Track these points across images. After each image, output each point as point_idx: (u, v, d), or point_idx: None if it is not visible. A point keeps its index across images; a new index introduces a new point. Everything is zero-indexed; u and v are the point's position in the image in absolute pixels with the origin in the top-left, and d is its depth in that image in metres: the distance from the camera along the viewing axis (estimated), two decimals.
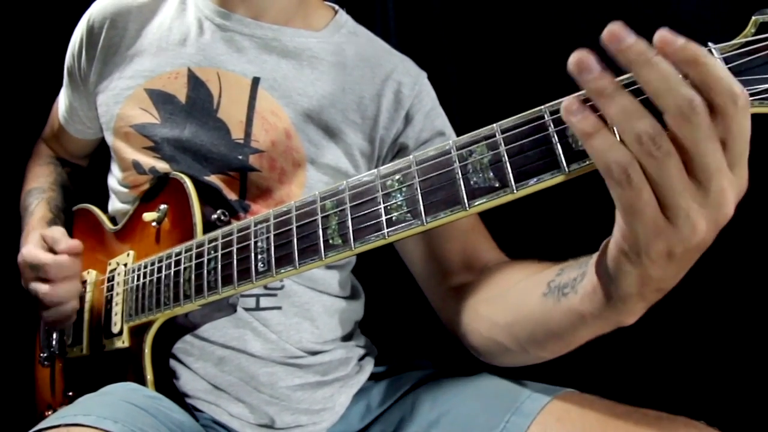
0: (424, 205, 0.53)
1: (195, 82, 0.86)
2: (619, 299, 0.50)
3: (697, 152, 0.41)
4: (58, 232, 0.86)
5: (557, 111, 0.48)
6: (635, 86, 0.45)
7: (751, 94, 0.43)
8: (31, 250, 0.85)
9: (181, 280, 0.73)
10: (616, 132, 0.43)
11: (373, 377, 0.91)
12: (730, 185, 0.43)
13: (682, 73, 0.41)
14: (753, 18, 0.45)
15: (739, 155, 0.43)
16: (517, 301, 0.67)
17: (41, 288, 0.82)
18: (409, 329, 1.10)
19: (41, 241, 0.86)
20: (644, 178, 0.43)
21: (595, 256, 0.54)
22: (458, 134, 0.54)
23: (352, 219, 0.57)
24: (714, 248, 0.46)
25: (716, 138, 0.41)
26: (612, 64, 0.44)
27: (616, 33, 0.40)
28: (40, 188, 1.04)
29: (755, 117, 0.43)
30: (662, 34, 0.41)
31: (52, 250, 0.84)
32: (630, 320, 0.52)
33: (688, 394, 1.01)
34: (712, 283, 1.00)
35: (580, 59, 0.42)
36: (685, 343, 1.06)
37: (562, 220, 1.02)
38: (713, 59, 0.41)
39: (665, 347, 1.06)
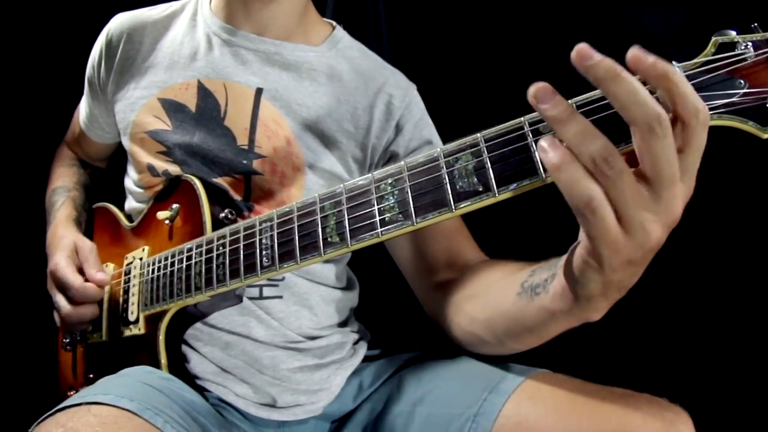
0: (414, 207, 0.52)
1: (204, 93, 0.85)
2: (585, 299, 0.51)
3: (656, 163, 0.41)
4: (88, 249, 0.84)
5: (536, 122, 0.47)
6: (591, 106, 0.45)
7: (710, 109, 0.43)
8: (62, 266, 0.81)
9: (193, 274, 0.72)
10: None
11: (366, 360, 0.90)
12: (680, 192, 0.43)
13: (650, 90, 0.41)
14: (713, 39, 0.45)
15: (692, 165, 0.43)
16: (495, 299, 0.67)
17: (63, 307, 0.81)
18: (399, 316, 1.09)
19: (73, 253, 0.84)
20: (608, 206, 0.42)
21: (563, 259, 0.54)
22: (445, 142, 0.54)
23: (348, 219, 0.56)
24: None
25: (675, 150, 0.41)
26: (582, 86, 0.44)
27: (584, 52, 0.40)
28: (65, 187, 1.02)
29: (713, 129, 0.43)
30: (634, 52, 0.40)
31: (81, 269, 0.83)
32: (595, 317, 0.52)
33: (653, 374, 1.01)
34: (674, 272, 1.00)
35: (537, 90, 0.42)
36: (652, 330, 1.07)
37: (538, 222, 1.02)
38: (680, 76, 0.40)
39: (633, 333, 1.06)
